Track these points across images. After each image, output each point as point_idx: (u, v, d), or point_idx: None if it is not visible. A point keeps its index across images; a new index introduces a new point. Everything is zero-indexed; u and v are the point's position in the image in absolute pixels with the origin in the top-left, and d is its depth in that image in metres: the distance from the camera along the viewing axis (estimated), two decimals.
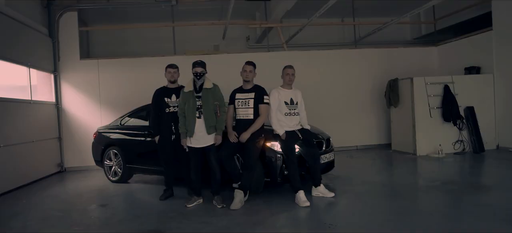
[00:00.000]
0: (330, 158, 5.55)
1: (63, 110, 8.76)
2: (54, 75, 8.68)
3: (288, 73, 5.01)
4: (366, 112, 9.66)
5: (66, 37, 8.89)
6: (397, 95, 8.48)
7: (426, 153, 7.91)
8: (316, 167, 4.97)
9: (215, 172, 4.71)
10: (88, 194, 6.01)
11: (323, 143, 5.49)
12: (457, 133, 7.97)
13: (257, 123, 4.76)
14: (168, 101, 5.15)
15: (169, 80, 5.26)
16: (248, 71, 4.88)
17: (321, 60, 9.63)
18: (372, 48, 10.01)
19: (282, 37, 9.80)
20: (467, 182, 5.66)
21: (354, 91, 9.63)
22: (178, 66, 5.34)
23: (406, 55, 9.93)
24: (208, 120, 4.61)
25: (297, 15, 9.88)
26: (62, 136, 8.70)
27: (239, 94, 4.95)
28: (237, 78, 5.04)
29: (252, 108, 4.81)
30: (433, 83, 7.99)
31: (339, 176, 6.21)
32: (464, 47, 9.01)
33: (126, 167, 6.50)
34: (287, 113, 4.95)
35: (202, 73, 4.67)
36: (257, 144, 4.76)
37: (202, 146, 4.66)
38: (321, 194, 4.91)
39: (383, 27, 9.55)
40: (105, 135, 6.97)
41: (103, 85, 8.93)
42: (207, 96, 4.66)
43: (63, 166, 8.65)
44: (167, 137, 5.12)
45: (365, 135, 9.68)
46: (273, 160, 4.99)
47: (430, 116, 7.94)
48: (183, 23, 9.93)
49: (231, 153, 4.84)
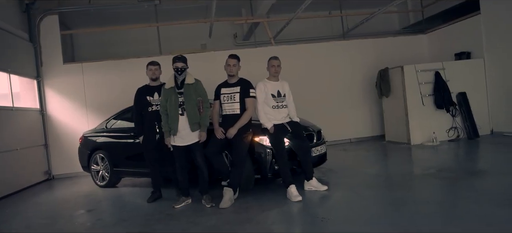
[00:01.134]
0: (322, 151, 5.39)
1: (48, 116, 8.52)
2: (37, 80, 8.44)
3: (274, 64, 4.84)
4: (358, 104, 9.53)
5: (48, 42, 8.65)
6: (388, 85, 8.35)
7: (420, 141, 7.79)
8: (307, 160, 4.81)
9: (202, 170, 4.53)
10: (75, 200, 5.81)
11: (313, 136, 5.32)
12: (451, 120, 7.87)
13: (244, 117, 4.59)
14: (151, 99, 4.97)
15: (151, 78, 5.08)
16: (231, 65, 4.70)
17: (310, 53, 9.49)
18: (361, 39, 9.89)
19: (269, 32, 9.64)
20: (463, 168, 5.54)
21: (345, 84, 9.50)
22: (160, 63, 5.16)
23: (396, 44, 9.82)
24: (191, 116, 4.43)
25: (284, 10, 9.74)
26: (49, 142, 8.46)
27: (224, 88, 4.78)
28: (225, 75, 4.84)
29: (238, 102, 4.64)
30: (423, 70, 7.88)
31: (332, 169, 6.06)
32: (453, 33, 8.92)
33: (114, 171, 6.30)
34: (275, 105, 4.78)
35: (183, 68, 4.49)
36: (245, 140, 4.59)
37: (187, 144, 4.48)
38: (313, 188, 4.76)
39: (370, 18, 9.43)
40: (91, 139, 6.76)
41: (88, 89, 8.71)
42: (189, 91, 4.47)
43: (51, 174, 8.41)
44: (151, 137, 4.94)
45: (359, 128, 9.55)
46: (263, 155, 4.83)
47: (422, 104, 7.82)
48: (168, 23, 9.74)
49: (218, 150, 4.66)
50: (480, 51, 8.13)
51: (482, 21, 8.02)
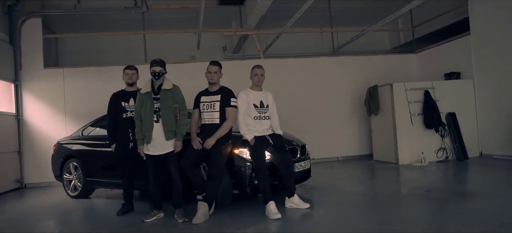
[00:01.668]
0: (305, 167, 5.13)
1: (24, 122, 8.16)
2: (15, 84, 8.11)
3: (257, 73, 4.62)
4: (346, 122, 9.34)
5: (29, 45, 8.36)
6: (377, 103, 8.18)
7: (409, 162, 7.59)
8: (289, 176, 4.55)
9: (176, 182, 4.24)
10: (41, 211, 5.45)
11: (297, 150, 5.07)
12: (440, 140, 7.70)
13: (223, 127, 4.33)
14: (126, 105, 4.70)
15: (127, 83, 4.82)
16: (213, 72, 4.47)
17: (299, 68, 9.32)
18: (351, 56, 9.77)
19: (258, 45, 9.48)
20: (451, 189, 5.33)
21: (334, 100, 9.32)
22: (137, 68, 4.91)
23: (386, 62, 9.72)
24: (167, 124, 4.16)
25: (275, 25, 9.61)
26: (23, 149, 8.08)
27: (204, 96, 4.53)
28: None
29: (217, 111, 4.39)
30: (413, 89, 7.73)
31: (316, 186, 5.80)
32: (443, 53, 8.84)
33: (87, 181, 5.95)
34: (257, 116, 4.54)
35: (161, 72, 4.25)
36: (223, 151, 4.33)
37: (161, 153, 4.20)
38: (295, 205, 4.48)
39: (361, 35, 9.31)
40: (65, 146, 6.43)
41: (69, 95, 8.39)
42: (166, 97, 4.22)
43: (23, 182, 8.01)
44: (124, 145, 4.65)
45: (346, 146, 9.33)
46: (242, 169, 4.55)
47: (411, 123, 7.65)
48: (155, 31, 9.52)
49: (195, 162, 4.38)
50: (470, 71, 8.03)
51: (472, 41, 7.94)
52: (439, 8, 9.49)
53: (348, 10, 10.53)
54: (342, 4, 10.13)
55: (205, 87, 4.61)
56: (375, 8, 10.27)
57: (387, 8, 9.66)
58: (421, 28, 10.30)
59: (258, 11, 8.29)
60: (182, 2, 9.13)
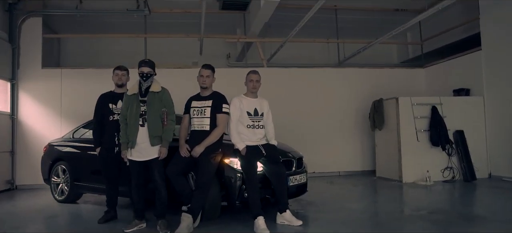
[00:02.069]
0: (301, 181, 4.84)
1: (19, 122, 8.00)
2: (11, 83, 7.97)
3: (252, 79, 4.38)
4: (349, 135, 9.02)
5: (29, 44, 8.24)
6: (382, 117, 7.88)
7: (413, 180, 7.24)
8: (282, 190, 4.26)
9: (160, 191, 3.98)
10: (22, 215, 5.20)
11: (293, 163, 4.78)
12: (446, 159, 7.35)
13: (213, 135, 4.08)
14: (113, 107, 4.48)
15: (117, 84, 4.61)
16: (205, 76, 4.24)
17: (303, 79, 9.06)
18: (357, 68, 9.48)
19: (261, 53, 9.25)
20: (457, 212, 4.97)
21: (337, 113, 9.02)
22: (128, 69, 4.70)
23: (392, 76, 9.42)
24: (152, 128, 3.92)
25: (279, 33, 9.41)
26: (16, 150, 7.90)
27: (195, 101, 4.30)
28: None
29: (208, 117, 4.14)
30: (420, 103, 7.42)
31: (313, 202, 5.50)
32: (452, 68, 8.52)
33: (74, 185, 5.72)
34: (250, 125, 4.29)
35: (150, 74, 4.02)
36: (212, 160, 4.06)
37: (145, 159, 3.95)
38: (286, 221, 4.18)
39: (368, 47, 9.05)
40: (54, 148, 6.23)
41: (65, 96, 8.22)
42: (154, 100, 3.99)
43: (14, 183, 7.82)
44: (109, 149, 4.41)
45: (349, 161, 8.99)
46: (232, 180, 4.28)
47: (417, 140, 7.32)
48: (156, 34, 9.36)
49: (182, 170, 4.11)
50: (480, 88, 7.69)
51: (483, 57, 7.62)
52: (449, 22, 9.20)
53: (355, 21, 10.30)
54: (349, 16, 9.91)
55: None
56: (383, 20, 10.03)
57: (395, 20, 9.41)
58: (431, 43, 10.00)
59: (261, 18, 8.08)
60: (185, 7, 8.95)
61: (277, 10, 8.34)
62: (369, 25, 10.52)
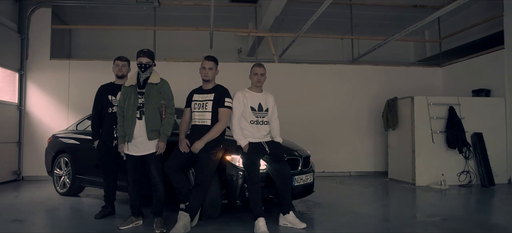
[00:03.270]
0: (307, 181, 4.59)
1: (26, 113, 7.96)
2: (19, 74, 7.93)
3: (257, 72, 4.15)
4: (362, 135, 8.72)
5: (37, 35, 8.21)
6: (396, 116, 7.56)
7: (427, 183, 6.92)
8: (286, 190, 4.03)
9: (157, 187, 3.80)
10: (20, 207, 5.06)
11: (299, 161, 4.54)
12: (463, 162, 7.00)
13: (214, 130, 3.88)
14: (113, 99, 4.32)
15: (116, 75, 4.44)
16: (207, 68, 4.04)
17: (315, 75, 8.79)
18: (371, 65, 9.16)
19: (272, 48, 9.00)
20: (473, 219, 4.66)
21: (350, 111, 8.73)
22: (129, 60, 4.53)
23: (408, 74, 9.06)
24: (150, 122, 3.74)
25: (292, 29, 9.15)
26: (23, 140, 7.87)
27: (196, 94, 4.11)
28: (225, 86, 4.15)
29: (209, 112, 3.95)
30: (436, 103, 7.08)
31: (320, 203, 5.25)
32: (472, 67, 8.12)
33: (76, 178, 5.60)
34: (254, 121, 4.07)
35: (148, 64, 3.84)
36: (212, 156, 3.87)
37: (142, 154, 3.78)
38: (289, 224, 3.96)
39: (383, 43, 8.71)
40: (58, 140, 6.13)
41: (73, 88, 8.15)
42: (152, 92, 3.80)
43: (20, 174, 7.79)
44: (107, 142, 4.25)
45: (360, 161, 8.70)
46: (234, 178, 4.08)
47: (432, 141, 6.99)
48: (165, 27, 9.21)
49: (181, 166, 3.92)
50: (502, 89, 7.30)
51: (506, 56, 7.23)
52: (470, 20, 8.80)
53: (370, 17, 9.96)
54: (364, 11, 9.57)
55: None
56: (400, 17, 9.70)
57: (413, 17, 9.07)
58: (449, 41, 9.58)
59: (272, 11, 7.83)
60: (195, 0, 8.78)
61: (289, 4, 8.11)
62: (386, 21, 10.18)
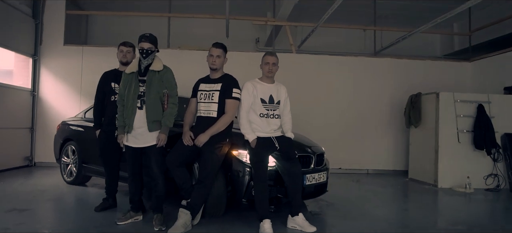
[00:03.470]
0: (321, 180, 4.27)
1: (39, 99, 7.91)
2: (33, 59, 7.87)
3: (268, 61, 3.84)
4: (381, 131, 8.30)
5: (52, 20, 8.12)
6: (419, 113, 7.12)
7: (450, 185, 6.49)
8: (296, 190, 3.73)
9: (157, 182, 3.57)
10: (22, 195, 4.90)
11: (311, 159, 4.22)
12: (491, 164, 6.53)
13: (220, 123, 3.61)
14: (115, 87, 4.11)
15: (121, 61, 4.24)
16: (215, 55, 3.76)
17: (334, 67, 8.40)
18: (394, 58, 8.68)
19: (290, 37, 8.64)
20: (503, 228, 4.26)
21: (370, 106, 8.31)
22: (134, 46, 4.30)
23: (434, 69, 8.55)
24: (151, 112, 3.50)
25: (312, 19, 8.75)
26: (35, 126, 7.82)
27: (203, 84, 3.84)
28: (239, 77, 3.86)
29: (216, 103, 3.68)
30: (464, 101, 6.61)
31: (334, 203, 4.93)
32: (505, 63, 7.56)
33: (82, 167, 5.46)
34: (264, 114, 3.77)
35: (151, 50, 3.59)
36: (217, 151, 3.60)
37: (141, 146, 3.55)
38: (298, 226, 3.66)
39: (408, 36, 8.22)
40: (66, 127, 6.00)
41: (86, 74, 8.04)
42: (154, 80, 3.55)
43: (32, 160, 7.75)
44: (109, 132, 4.04)
45: (379, 158, 8.30)
46: (240, 175, 3.80)
47: (458, 141, 6.54)
48: (180, 14, 8.95)
49: (183, 160, 3.67)
50: None
51: None
52: (503, 12, 8.19)
53: (395, 7, 9.44)
54: (389, 1, 9.07)
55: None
56: (427, 8, 9.12)
57: (440, 8, 8.50)
58: (480, 34, 8.97)
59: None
60: None
61: None
62: (411, 12, 9.64)
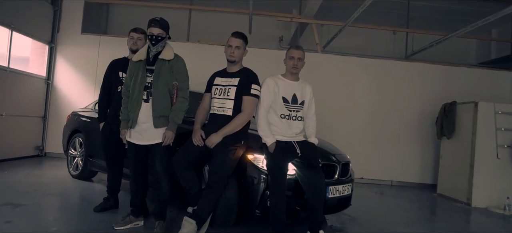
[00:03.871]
0: (344, 192, 3.79)
1: (53, 87, 7.71)
2: (49, 46, 7.67)
3: (293, 55, 3.40)
4: (409, 140, 7.71)
5: (70, 7, 7.90)
6: (453, 123, 6.53)
7: (486, 205, 5.89)
8: (317, 203, 3.28)
9: (161, 184, 3.18)
10: (23, 188, 4.57)
11: (336, 169, 3.76)
12: None
13: (235, 122, 3.19)
14: (123, 76, 3.75)
15: (131, 49, 3.88)
16: (234, 46, 3.34)
17: (361, 69, 7.87)
18: (427, 64, 8.08)
19: (316, 36, 8.17)
20: None
21: (398, 113, 7.74)
22: (146, 32, 3.93)
23: (470, 77, 7.91)
24: (157, 105, 3.10)
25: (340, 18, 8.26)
26: (48, 116, 7.61)
27: (219, 78, 3.43)
28: (262, 75, 3.45)
29: (232, 100, 3.26)
30: (506, 112, 6.00)
31: (356, 218, 4.45)
32: None
33: (88, 161, 5.15)
34: (285, 115, 3.34)
35: (161, 36, 3.19)
36: (230, 154, 3.18)
37: (146, 143, 3.16)
38: None
39: (443, 40, 7.62)
40: (75, 118, 5.71)
41: (101, 64, 7.71)
42: (163, 70, 3.15)
43: (43, 150, 7.55)
44: (113, 125, 3.69)
45: (405, 170, 7.70)
46: (255, 182, 3.37)
47: (496, 157, 5.93)
48: (201, 6, 8.61)
49: (192, 161, 3.26)
50: None
51: None
52: None
53: (429, 9, 8.82)
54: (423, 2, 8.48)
55: None
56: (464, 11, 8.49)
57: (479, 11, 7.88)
58: None
59: None
60: None
61: None
62: (447, 15, 9.01)
